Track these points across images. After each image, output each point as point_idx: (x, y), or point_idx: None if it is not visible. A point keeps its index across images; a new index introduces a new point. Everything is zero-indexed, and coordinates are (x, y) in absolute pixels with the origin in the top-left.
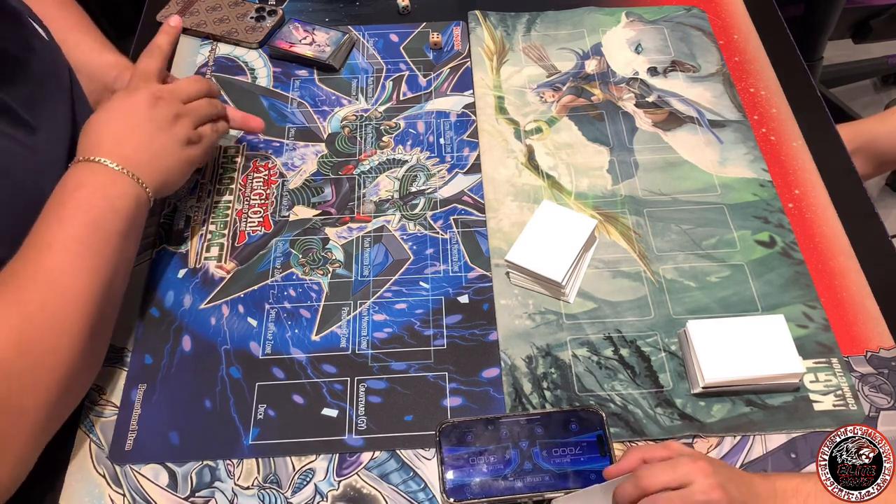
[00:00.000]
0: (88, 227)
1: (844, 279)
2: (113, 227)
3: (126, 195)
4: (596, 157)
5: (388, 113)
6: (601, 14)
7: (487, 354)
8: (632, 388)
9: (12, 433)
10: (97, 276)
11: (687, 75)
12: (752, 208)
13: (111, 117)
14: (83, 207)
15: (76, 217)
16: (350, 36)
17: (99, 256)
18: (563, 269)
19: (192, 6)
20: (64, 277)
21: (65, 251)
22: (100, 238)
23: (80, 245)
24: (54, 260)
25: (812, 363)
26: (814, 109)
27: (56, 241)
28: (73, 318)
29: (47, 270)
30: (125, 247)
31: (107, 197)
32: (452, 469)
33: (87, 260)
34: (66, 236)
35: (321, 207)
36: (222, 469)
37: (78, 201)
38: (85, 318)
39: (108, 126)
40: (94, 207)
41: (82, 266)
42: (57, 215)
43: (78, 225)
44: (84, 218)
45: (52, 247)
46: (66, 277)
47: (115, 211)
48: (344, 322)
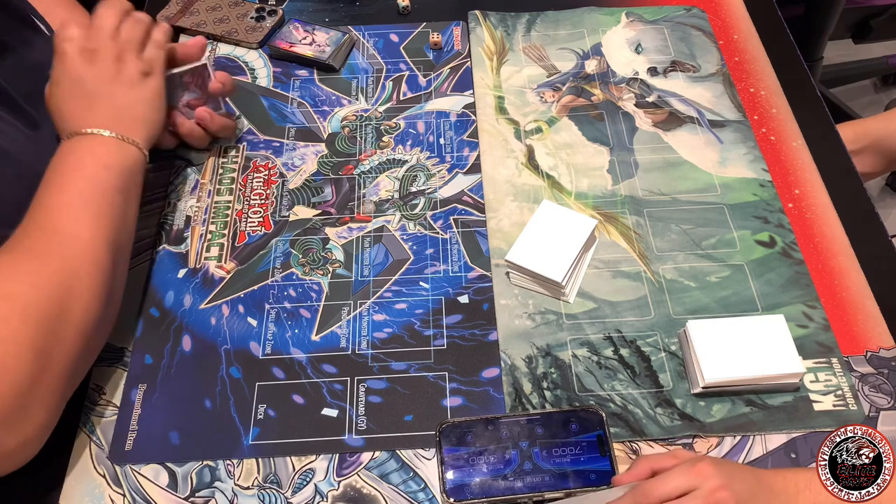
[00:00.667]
0: (87, 182)
1: (844, 279)
2: (109, 183)
3: (112, 152)
4: (596, 157)
5: (388, 113)
6: (601, 14)
7: (487, 354)
8: (632, 388)
9: (44, 380)
10: (104, 228)
11: (687, 75)
12: (752, 208)
13: (62, 92)
14: (77, 169)
15: (73, 178)
16: (350, 36)
17: (100, 210)
18: (563, 269)
19: (192, 6)
20: (77, 230)
21: (70, 207)
22: (99, 191)
23: (82, 200)
24: (63, 217)
25: (812, 363)
26: (814, 109)
27: (61, 201)
28: (90, 268)
29: (60, 226)
30: (125, 201)
31: (95, 155)
32: (452, 469)
33: (91, 212)
34: (69, 194)
35: (321, 207)
36: (222, 469)
37: (70, 166)
38: (100, 269)
39: (66, 102)
40: (86, 167)
41: (89, 218)
42: (55, 183)
43: (76, 183)
44: (80, 176)
45: (60, 206)
46: (79, 230)
47: (108, 168)
48: (344, 322)
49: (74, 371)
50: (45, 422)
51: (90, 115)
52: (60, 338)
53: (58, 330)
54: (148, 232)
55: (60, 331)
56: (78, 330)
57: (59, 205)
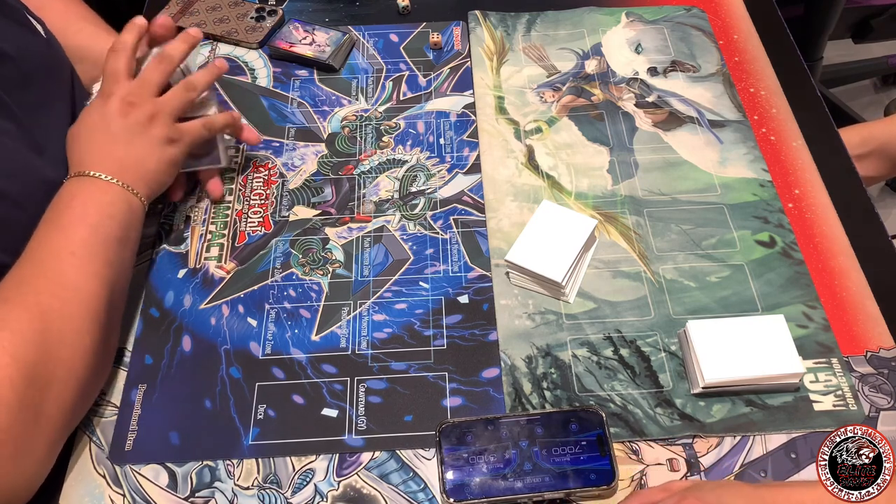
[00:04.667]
0: (89, 231)
1: (844, 279)
2: (111, 233)
3: (118, 201)
4: (596, 157)
5: (388, 113)
6: (601, 14)
7: (487, 354)
8: (632, 388)
9: (35, 436)
10: (104, 279)
11: (687, 75)
12: (752, 208)
13: (89, 131)
14: (81, 215)
15: (76, 224)
16: (350, 36)
17: (102, 260)
18: (563, 269)
19: (192, 6)
20: (77, 280)
21: (72, 256)
22: (100, 242)
23: (84, 249)
24: (64, 264)
25: (812, 363)
26: (814, 109)
27: (63, 246)
28: (87, 320)
29: (59, 274)
30: (124, 251)
31: (100, 204)
32: (452, 469)
33: (93, 264)
34: (71, 241)
35: (321, 207)
36: (222, 469)
37: (75, 210)
38: (97, 321)
39: (89, 141)
40: (90, 214)
41: (90, 269)
42: (57, 224)
43: (80, 231)
44: (83, 223)
45: (60, 252)
46: (79, 280)
47: (112, 217)
48: (344, 322)
49: (68, 423)
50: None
51: (103, 159)
52: (53, 395)
53: (50, 388)
54: (148, 232)
55: (52, 388)
56: (73, 384)
57: (64, 253)
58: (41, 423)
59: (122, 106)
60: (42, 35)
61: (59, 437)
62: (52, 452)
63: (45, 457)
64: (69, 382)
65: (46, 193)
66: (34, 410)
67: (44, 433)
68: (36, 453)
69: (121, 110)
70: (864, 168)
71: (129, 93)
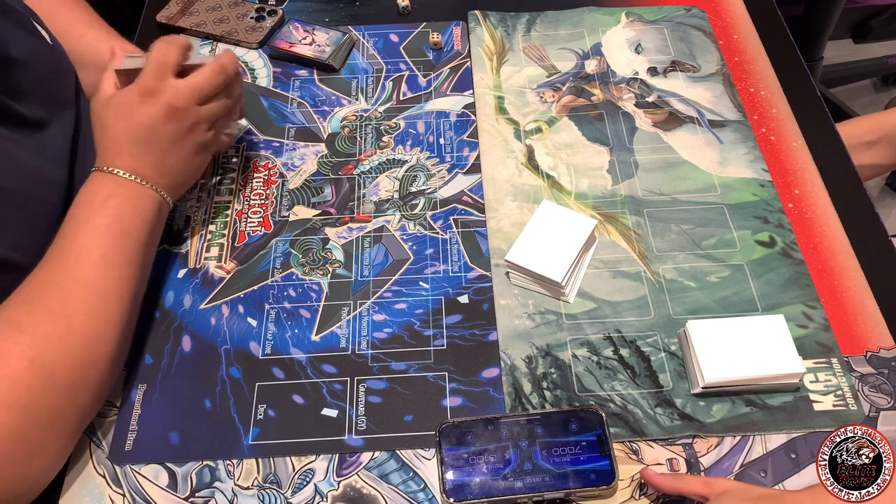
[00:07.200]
0: (123, 237)
1: (844, 279)
2: (141, 237)
3: (152, 207)
4: (596, 157)
5: (388, 113)
6: (601, 14)
7: (487, 354)
8: (632, 388)
9: (49, 439)
10: (130, 281)
11: (687, 75)
12: (752, 208)
13: (129, 127)
14: (116, 218)
15: (111, 227)
16: (350, 36)
17: (130, 265)
18: (563, 269)
19: (192, 6)
20: (105, 284)
21: (103, 258)
22: (131, 248)
23: (115, 252)
24: (93, 267)
25: (812, 363)
26: (814, 109)
27: (93, 251)
28: (111, 324)
29: (87, 277)
30: (149, 254)
31: (136, 208)
32: (452, 469)
33: (123, 269)
34: (103, 244)
35: (321, 207)
36: (222, 469)
37: (110, 211)
38: (119, 325)
39: (133, 143)
40: (125, 218)
41: (118, 273)
42: (91, 224)
43: (113, 233)
44: (118, 228)
45: (91, 254)
46: (107, 284)
47: (144, 221)
48: (344, 322)
49: (83, 425)
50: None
51: (144, 165)
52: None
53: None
54: None
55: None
56: (93, 388)
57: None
58: (56, 426)
59: (168, 111)
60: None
61: (73, 438)
62: (64, 453)
63: (57, 458)
64: (88, 386)
65: (51, 194)
66: (50, 413)
67: (58, 435)
68: (49, 455)
69: (167, 116)
70: (871, 156)
71: (177, 97)
